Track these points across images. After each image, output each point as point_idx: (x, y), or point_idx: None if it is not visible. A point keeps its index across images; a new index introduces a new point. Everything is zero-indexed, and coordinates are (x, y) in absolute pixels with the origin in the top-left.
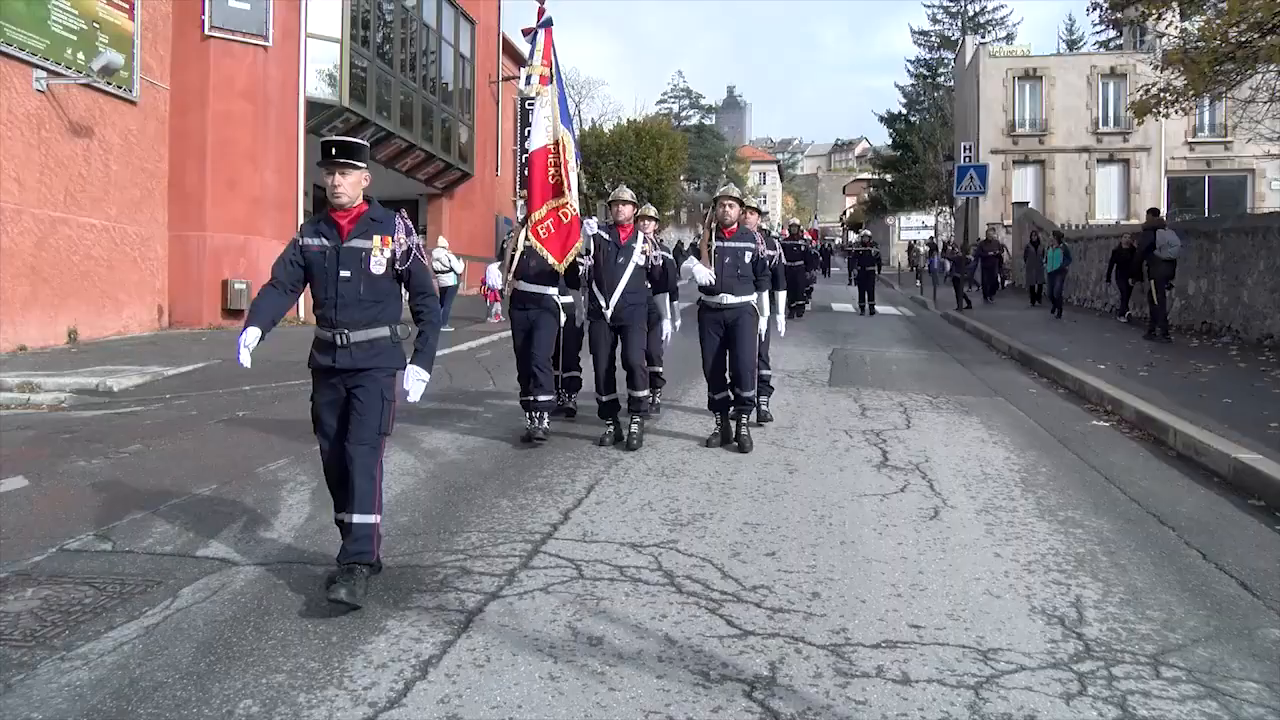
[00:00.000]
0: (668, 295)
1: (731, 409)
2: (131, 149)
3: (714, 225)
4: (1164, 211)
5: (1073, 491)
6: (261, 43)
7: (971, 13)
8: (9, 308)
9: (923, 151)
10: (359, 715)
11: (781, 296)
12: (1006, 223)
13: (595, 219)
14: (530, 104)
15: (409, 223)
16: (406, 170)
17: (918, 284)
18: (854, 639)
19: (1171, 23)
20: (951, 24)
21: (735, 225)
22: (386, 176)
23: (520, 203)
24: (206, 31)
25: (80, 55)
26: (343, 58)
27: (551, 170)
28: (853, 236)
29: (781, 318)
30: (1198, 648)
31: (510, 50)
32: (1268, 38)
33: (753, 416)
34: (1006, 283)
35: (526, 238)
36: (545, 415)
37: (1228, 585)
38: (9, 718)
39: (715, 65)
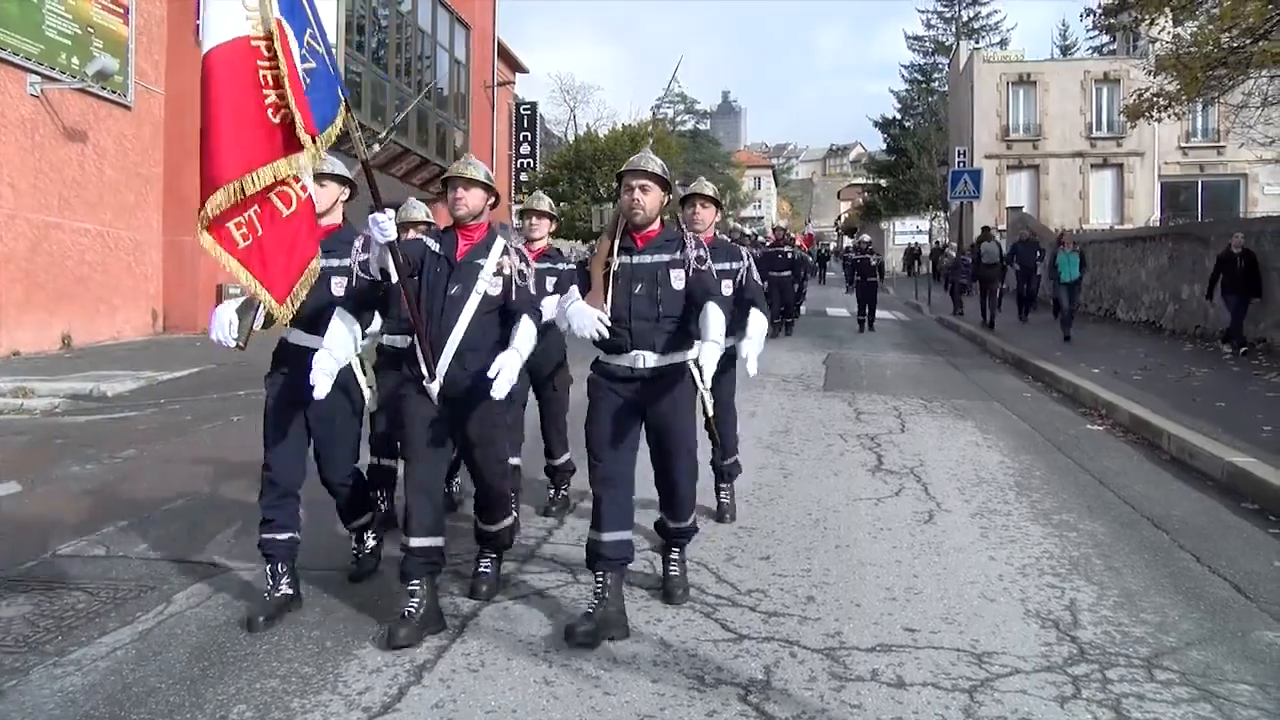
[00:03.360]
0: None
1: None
2: (126, 154)
3: (622, 229)
4: (1157, 216)
5: (1067, 495)
6: None
7: (966, 18)
8: (3, 313)
9: (917, 156)
10: None
11: (758, 326)
12: (1001, 227)
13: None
14: None
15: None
16: (402, 175)
17: (915, 290)
18: (849, 643)
19: (1164, 28)
20: (946, 29)
21: (709, 235)
22: (382, 182)
23: (517, 208)
24: (201, 36)
25: (75, 60)
26: (338, 63)
27: (268, 92)
28: (848, 241)
29: (753, 358)
30: (1191, 650)
31: (506, 56)
32: (1260, 43)
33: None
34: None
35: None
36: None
37: (1221, 588)
38: None
39: (710, 71)
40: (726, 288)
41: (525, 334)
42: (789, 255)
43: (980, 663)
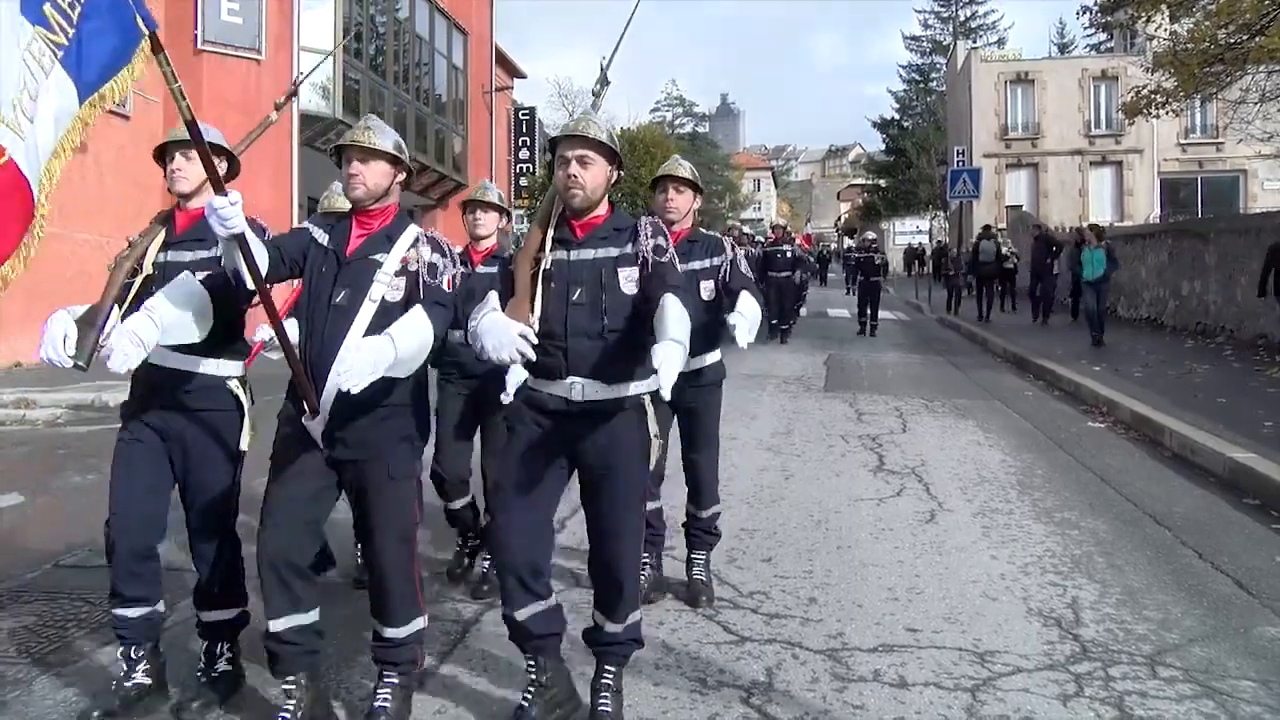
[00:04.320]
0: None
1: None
2: (125, 163)
3: (557, 216)
4: (1157, 212)
5: (1069, 493)
6: (254, 56)
7: (963, 18)
8: (4, 324)
9: (916, 156)
10: None
11: (750, 306)
12: (1001, 225)
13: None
14: None
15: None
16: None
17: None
18: (851, 643)
19: (1161, 25)
20: (943, 29)
21: (686, 225)
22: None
23: (515, 215)
24: (199, 45)
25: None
26: (336, 70)
27: None
28: (849, 242)
29: (744, 329)
30: (1194, 647)
31: (504, 61)
32: (1256, 39)
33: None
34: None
35: None
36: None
37: (1224, 584)
38: None
39: (709, 73)
40: (706, 290)
41: (410, 327)
42: (789, 254)
43: (983, 662)
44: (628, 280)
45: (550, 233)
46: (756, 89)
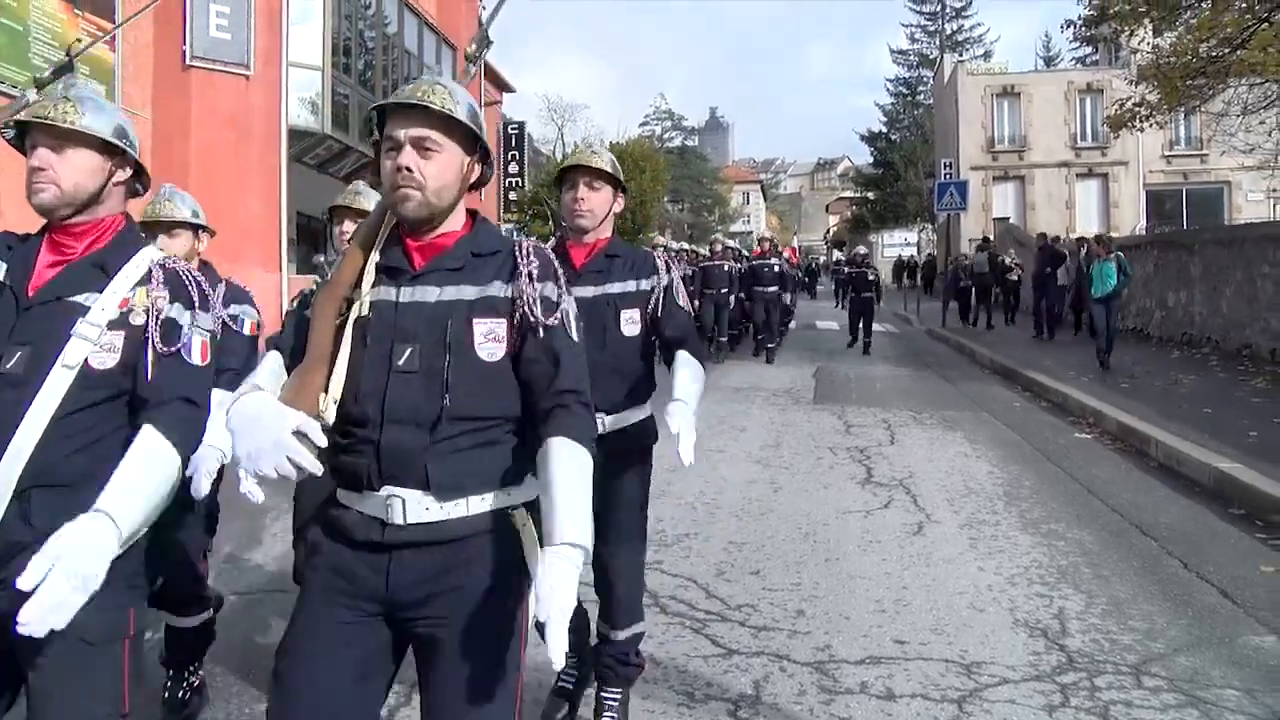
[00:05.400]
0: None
1: None
2: None
3: (387, 233)
4: (1143, 224)
5: (1055, 504)
6: (243, 72)
7: (949, 31)
8: None
9: (904, 169)
10: None
11: (690, 378)
12: (988, 237)
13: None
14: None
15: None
16: None
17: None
18: (838, 655)
19: (1144, 39)
20: (930, 43)
21: (606, 234)
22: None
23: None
24: (188, 62)
25: (61, 88)
26: (324, 85)
27: None
28: (838, 255)
29: (688, 437)
30: (1179, 656)
31: (493, 76)
32: (1238, 53)
33: None
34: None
35: None
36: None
37: (1209, 594)
38: None
39: (698, 87)
40: (629, 324)
41: (139, 486)
42: (776, 269)
43: (969, 673)
44: (485, 334)
45: (374, 259)
46: (745, 102)
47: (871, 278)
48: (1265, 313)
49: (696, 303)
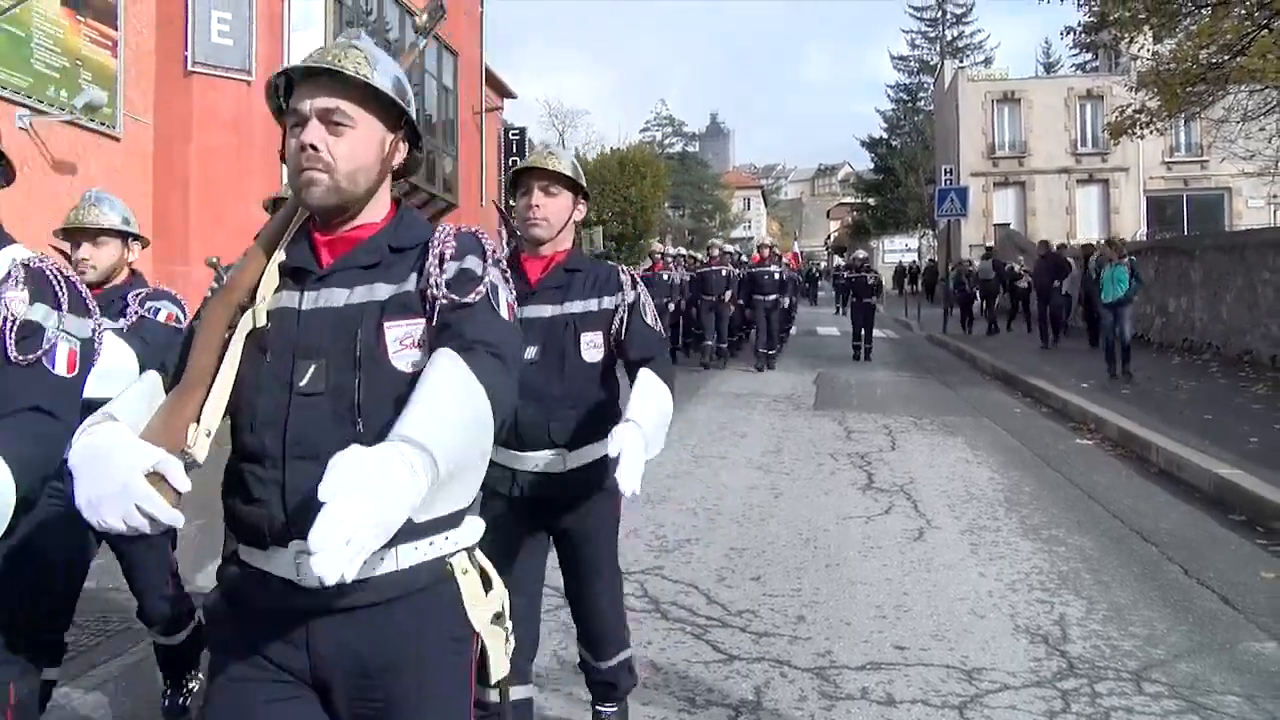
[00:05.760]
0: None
1: None
2: (115, 185)
3: (296, 229)
4: (1143, 230)
5: (1056, 510)
6: (245, 77)
7: (950, 37)
8: None
9: (904, 175)
10: None
11: (653, 405)
12: (989, 243)
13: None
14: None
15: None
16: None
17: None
18: (839, 661)
19: (1144, 45)
20: (930, 49)
21: (565, 245)
22: None
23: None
24: (189, 67)
25: (63, 93)
26: None
27: None
28: (839, 260)
29: (635, 468)
30: (1180, 663)
31: (494, 82)
32: (1237, 59)
33: None
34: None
35: None
36: None
37: (1209, 600)
38: None
39: (698, 93)
40: (590, 348)
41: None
42: (777, 276)
43: (970, 679)
44: (401, 348)
45: (278, 258)
46: (746, 108)
47: (872, 282)
48: (1266, 319)
49: (694, 309)
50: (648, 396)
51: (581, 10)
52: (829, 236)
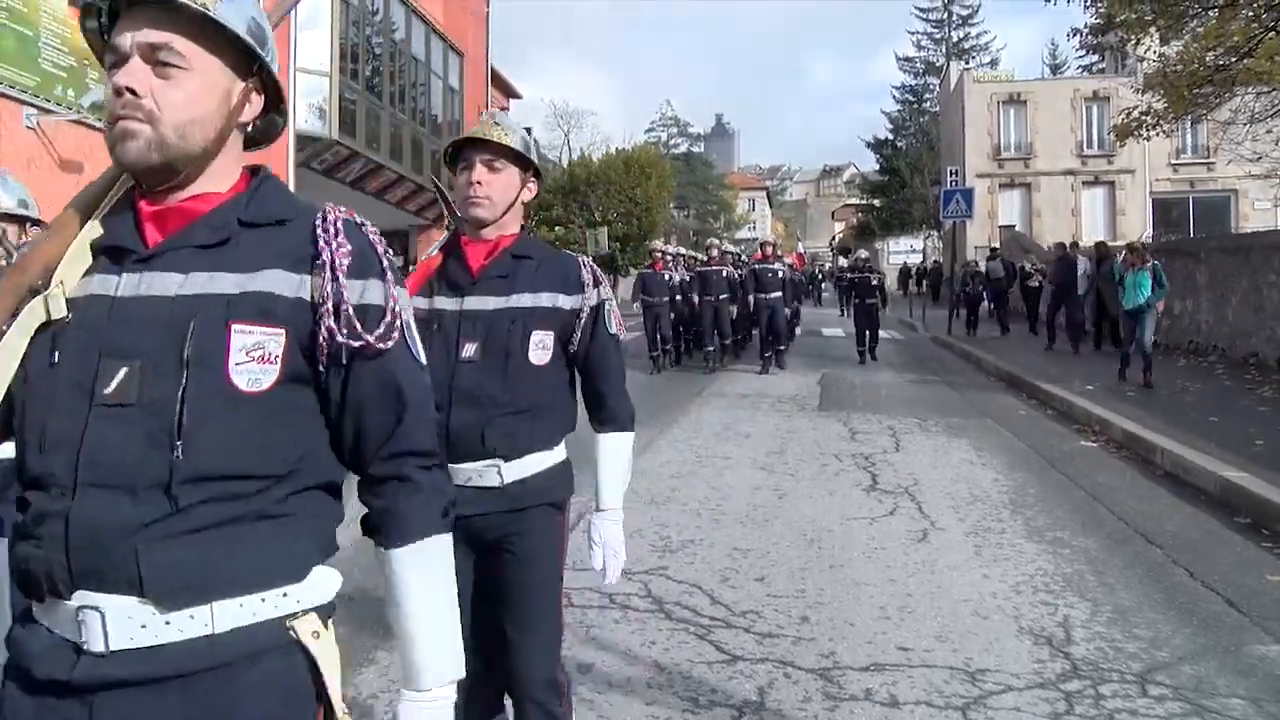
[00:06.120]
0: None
1: None
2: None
3: (102, 199)
4: (1149, 232)
5: (1061, 512)
6: None
7: (955, 39)
8: None
9: (909, 176)
10: None
11: (615, 456)
12: (994, 245)
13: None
14: None
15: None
16: (397, 202)
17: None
18: (842, 662)
19: (1151, 47)
20: (936, 50)
21: (513, 230)
22: (377, 208)
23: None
24: None
25: (71, 92)
26: (332, 91)
27: None
28: (843, 261)
29: (615, 560)
30: (1184, 665)
31: (499, 82)
32: (1244, 61)
33: None
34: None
35: None
36: None
37: (1214, 602)
38: None
39: (704, 94)
40: (540, 350)
41: None
42: (780, 274)
43: (974, 680)
44: (251, 352)
45: (91, 230)
46: (751, 109)
47: (875, 283)
48: (1271, 321)
49: (692, 309)
50: (620, 473)
51: (587, 11)
52: (834, 237)
